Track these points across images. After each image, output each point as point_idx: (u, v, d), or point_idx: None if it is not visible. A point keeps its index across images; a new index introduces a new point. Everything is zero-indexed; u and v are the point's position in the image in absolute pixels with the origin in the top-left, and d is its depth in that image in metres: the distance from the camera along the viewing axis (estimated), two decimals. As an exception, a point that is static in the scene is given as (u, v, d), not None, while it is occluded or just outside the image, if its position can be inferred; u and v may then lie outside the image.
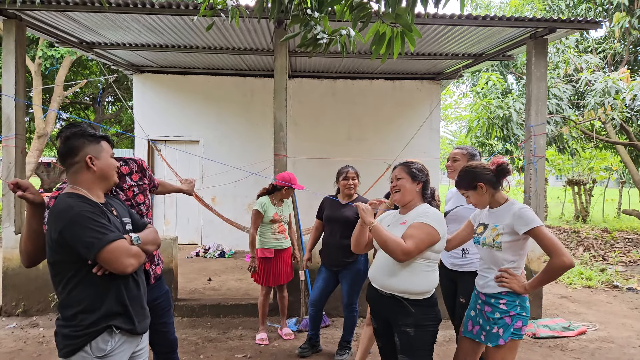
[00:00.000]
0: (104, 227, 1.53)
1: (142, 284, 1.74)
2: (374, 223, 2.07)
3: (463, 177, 2.18)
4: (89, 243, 1.48)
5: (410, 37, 2.01)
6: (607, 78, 6.46)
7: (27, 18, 4.37)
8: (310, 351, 3.43)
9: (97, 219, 1.53)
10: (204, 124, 7.15)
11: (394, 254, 1.97)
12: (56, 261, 1.55)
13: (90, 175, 1.63)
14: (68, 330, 1.53)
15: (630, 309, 4.87)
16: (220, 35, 5.05)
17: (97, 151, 1.66)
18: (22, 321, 4.03)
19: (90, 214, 1.53)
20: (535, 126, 4.48)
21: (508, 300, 2.03)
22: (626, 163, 9.10)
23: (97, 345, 1.53)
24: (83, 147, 1.63)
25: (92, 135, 1.67)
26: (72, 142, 1.63)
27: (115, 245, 1.51)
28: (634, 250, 8.26)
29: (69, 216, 1.50)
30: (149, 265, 2.21)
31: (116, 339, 1.57)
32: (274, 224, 3.61)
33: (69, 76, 11.00)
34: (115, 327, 1.56)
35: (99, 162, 1.64)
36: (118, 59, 6.35)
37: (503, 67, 8.54)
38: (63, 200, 1.55)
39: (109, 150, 1.71)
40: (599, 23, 4.34)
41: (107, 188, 1.72)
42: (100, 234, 1.50)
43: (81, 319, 1.52)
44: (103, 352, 1.54)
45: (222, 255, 6.83)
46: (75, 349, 1.52)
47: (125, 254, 1.54)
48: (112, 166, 1.70)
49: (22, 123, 4.34)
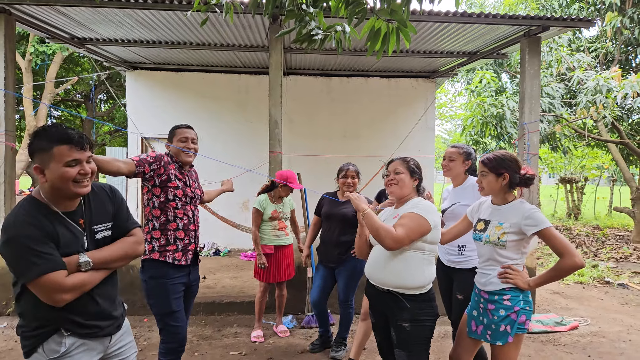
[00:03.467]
0: (40, 255, 1.39)
1: (104, 297, 1.60)
2: (367, 210, 2.09)
3: (497, 159, 2.12)
4: (19, 272, 1.41)
5: (406, 33, 2.01)
6: (598, 77, 6.53)
7: (16, 12, 4.29)
8: (322, 347, 3.44)
9: (35, 246, 1.39)
10: (198, 122, 7.07)
11: (385, 241, 1.98)
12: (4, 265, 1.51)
13: (44, 185, 1.47)
14: (22, 330, 1.51)
15: (621, 304, 4.94)
16: (215, 31, 5.01)
17: (46, 160, 1.43)
18: (13, 321, 3.98)
19: (28, 240, 1.38)
20: (528, 124, 4.51)
21: (512, 296, 2.02)
22: (617, 161, 9.20)
23: (49, 346, 1.48)
24: (34, 154, 1.46)
25: (46, 138, 1.44)
26: (29, 146, 1.48)
27: (45, 279, 1.38)
28: (625, 246, 8.38)
29: (7, 235, 1.40)
30: (196, 245, 2.48)
31: (69, 341, 1.49)
32: (273, 221, 3.62)
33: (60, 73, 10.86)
34: (64, 330, 1.49)
35: (48, 173, 1.44)
36: (110, 55, 6.27)
37: (497, 66, 8.60)
38: (14, 212, 1.45)
39: (63, 158, 1.43)
40: (592, 21, 4.39)
41: (67, 198, 1.50)
42: (31, 265, 1.37)
43: (28, 321, 1.50)
44: (56, 354, 1.48)
45: (217, 254, 6.80)
46: (30, 349, 1.50)
47: (56, 289, 1.41)
48: (62, 178, 1.43)
49: (12, 120, 4.27)
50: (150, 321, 3.97)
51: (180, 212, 2.43)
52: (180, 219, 2.43)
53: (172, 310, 2.32)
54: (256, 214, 3.58)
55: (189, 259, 2.44)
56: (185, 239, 2.44)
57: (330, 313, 4.09)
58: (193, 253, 2.48)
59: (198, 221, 2.58)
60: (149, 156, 2.36)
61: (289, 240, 3.70)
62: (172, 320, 2.31)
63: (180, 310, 2.37)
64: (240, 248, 6.98)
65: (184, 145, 2.49)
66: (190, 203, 2.51)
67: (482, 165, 2.17)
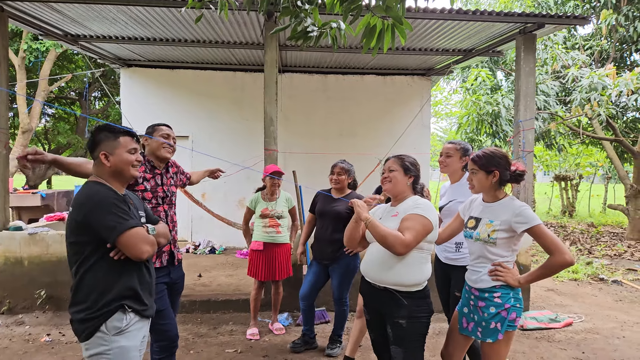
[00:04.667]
0: (126, 213, 1.66)
1: (152, 273, 1.84)
2: (370, 219, 2.05)
3: (487, 156, 2.11)
4: (111, 227, 1.60)
5: (401, 29, 2.00)
6: (593, 74, 6.56)
7: (8, 9, 4.25)
8: (303, 347, 3.41)
9: (121, 205, 1.66)
10: (194, 119, 7.07)
11: (394, 247, 1.96)
12: (76, 242, 1.66)
13: (106, 169, 1.73)
14: (83, 314, 1.62)
15: (615, 301, 4.98)
16: (210, 28, 4.99)
17: (112, 147, 1.74)
18: (8, 319, 3.96)
19: (115, 199, 1.66)
20: (523, 121, 4.53)
21: (502, 293, 2.02)
22: (612, 159, 9.27)
23: (112, 324, 1.63)
24: (100, 142, 1.74)
25: (112, 130, 1.77)
26: (94, 137, 1.76)
27: (135, 231, 1.64)
28: (619, 244, 8.45)
29: (95, 200, 1.63)
30: (174, 247, 2.48)
31: (130, 317, 1.67)
32: (264, 219, 3.64)
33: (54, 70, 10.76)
34: (127, 306, 1.66)
35: (112, 158, 1.73)
36: (104, 52, 6.23)
37: (492, 64, 8.61)
38: (89, 187, 1.68)
39: (127, 146, 1.76)
40: (587, 19, 4.40)
41: (124, 182, 1.80)
42: (122, 220, 1.62)
43: (93, 301, 1.62)
44: (119, 329, 1.64)
45: (213, 252, 6.78)
46: (92, 331, 1.61)
47: (143, 240, 1.66)
48: (126, 162, 1.75)
49: (5, 117, 4.23)
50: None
51: None
52: None
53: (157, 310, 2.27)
54: (246, 211, 3.77)
55: (164, 261, 2.41)
56: None
57: (326, 311, 4.10)
58: (169, 254, 2.44)
59: (173, 220, 2.53)
60: None
61: (281, 239, 3.66)
62: (159, 319, 2.28)
63: (166, 308, 2.35)
64: (236, 246, 6.96)
65: (164, 141, 2.46)
66: (163, 203, 2.46)
67: (472, 163, 2.16)
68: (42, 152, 1.90)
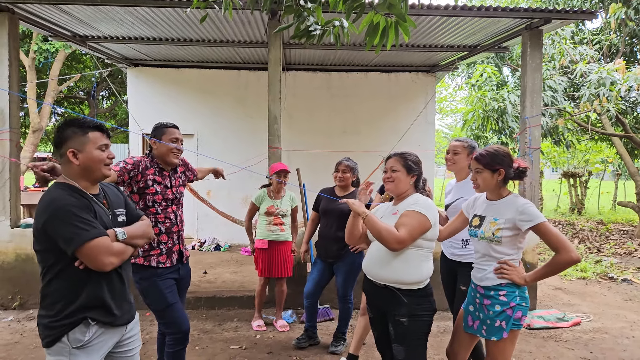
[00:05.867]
0: (86, 222, 1.52)
1: (126, 277, 1.73)
2: (367, 213, 2.07)
3: (490, 154, 2.10)
4: (68, 239, 1.49)
5: (404, 27, 2.00)
6: (601, 69, 6.46)
7: (19, 11, 4.32)
8: (307, 342, 3.45)
9: (80, 213, 1.52)
10: (199, 118, 7.12)
11: (388, 243, 1.98)
12: (39, 250, 1.57)
13: (75, 167, 1.61)
14: (47, 320, 1.56)
15: (624, 300, 4.92)
16: (214, 28, 5.01)
17: (81, 144, 1.60)
18: (19, 314, 4.04)
19: (73, 208, 1.52)
20: (530, 118, 4.48)
21: (508, 292, 2.02)
22: (622, 155, 9.13)
23: (74, 336, 1.55)
24: (67, 139, 1.60)
25: (80, 126, 1.62)
26: (60, 133, 1.62)
27: (95, 243, 1.51)
28: (629, 242, 8.33)
29: (52, 209, 1.51)
30: (182, 246, 2.50)
31: (93, 330, 1.58)
32: (269, 216, 3.67)
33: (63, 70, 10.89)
34: (91, 319, 1.57)
35: (82, 155, 1.60)
36: (112, 52, 6.29)
37: (498, 59, 8.53)
38: (50, 192, 1.56)
39: (96, 142, 1.62)
40: (595, 14, 4.35)
41: (95, 180, 1.67)
42: (80, 230, 1.49)
43: (58, 310, 1.55)
44: (80, 343, 1.55)
45: (218, 249, 6.83)
46: (53, 339, 1.54)
47: (105, 252, 1.53)
48: (96, 159, 1.61)
49: (16, 117, 4.30)
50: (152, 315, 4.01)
51: (162, 216, 2.42)
52: (162, 223, 2.42)
53: (169, 304, 2.36)
54: (250, 207, 3.76)
55: (174, 260, 2.45)
56: (168, 242, 2.44)
57: (330, 308, 4.12)
58: (178, 253, 2.49)
59: (182, 220, 2.56)
60: (128, 163, 2.35)
61: (285, 237, 3.72)
62: (172, 312, 2.36)
63: (177, 302, 2.40)
64: (241, 243, 7.01)
65: (173, 146, 2.45)
66: (172, 205, 2.49)
67: (476, 162, 2.14)
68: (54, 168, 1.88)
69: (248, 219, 3.79)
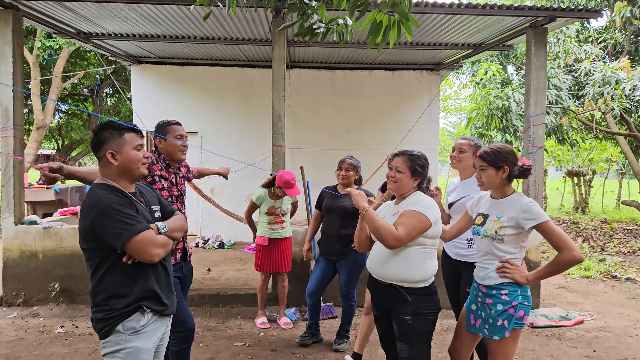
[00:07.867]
0: (132, 217, 1.60)
1: (170, 268, 1.81)
2: (367, 208, 2.07)
3: (495, 152, 2.11)
4: (116, 234, 1.56)
5: (407, 25, 1.99)
6: (606, 67, 6.42)
7: (23, 8, 4.33)
8: (311, 340, 3.46)
9: (125, 210, 1.60)
10: (203, 115, 7.13)
11: (386, 240, 1.99)
12: (87, 248, 1.64)
13: (114, 168, 1.68)
14: (102, 314, 1.62)
15: (628, 299, 4.91)
16: (218, 25, 5.01)
17: (119, 145, 1.68)
18: (23, 311, 4.07)
19: (118, 205, 1.60)
20: (534, 116, 4.46)
21: (510, 291, 2.01)
22: (626, 154, 9.08)
23: (129, 324, 1.62)
24: (105, 141, 1.68)
25: (116, 128, 1.70)
26: (98, 136, 1.70)
27: (142, 236, 1.59)
28: (632, 240, 8.30)
29: (99, 207, 1.58)
30: (185, 243, 2.51)
31: (148, 317, 1.66)
32: (270, 215, 3.72)
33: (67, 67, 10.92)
34: (145, 307, 1.65)
35: (120, 157, 1.68)
36: (116, 49, 6.31)
37: (503, 58, 8.48)
38: (93, 192, 1.63)
39: (132, 143, 1.71)
40: (600, 12, 4.31)
41: (132, 180, 1.75)
42: (127, 225, 1.57)
43: (113, 304, 1.61)
44: (135, 330, 1.63)
45: (221, 246, 6.86)
46: (110, 329, 1.62)
47: (152, 244, 1.61)
48: (134, 160, 1.70)
49: (20, 114, 4.32)
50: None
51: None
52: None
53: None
54: (250, 205, 3.80)
55: (178, 258, 2.47)
56: None
57: (333, 306, 4.13)
58: (182, 251, 2.51)
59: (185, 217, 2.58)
60: None
61: (285, 233, 3.79)
62: (177, 310, 2.36)
63: (182, 300, 2.42)
64: (244, 241, 7.03)
65: (180, 143, 2.49)
66: (177, 201, 2.53)
67: (480, 160, 2.14)
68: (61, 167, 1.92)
69: (248, 214, 3.84)
